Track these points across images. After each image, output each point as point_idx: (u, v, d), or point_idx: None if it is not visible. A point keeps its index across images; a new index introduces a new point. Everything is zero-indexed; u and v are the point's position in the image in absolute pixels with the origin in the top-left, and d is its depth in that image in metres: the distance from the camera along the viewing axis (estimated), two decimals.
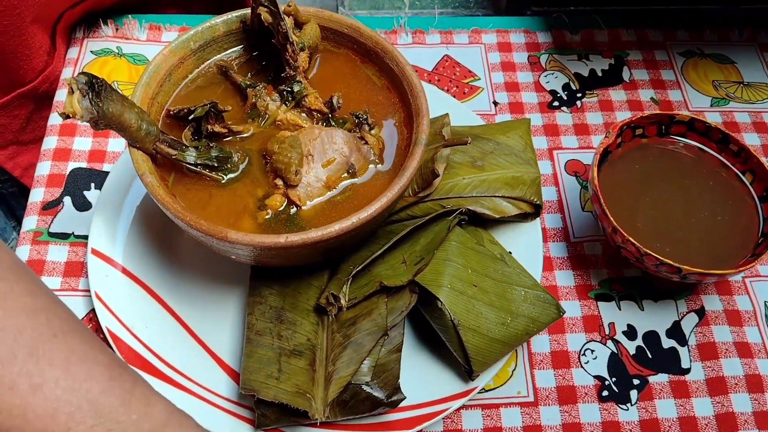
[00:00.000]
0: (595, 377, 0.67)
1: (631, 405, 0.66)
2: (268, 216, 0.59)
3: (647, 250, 0.63)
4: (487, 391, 0.66)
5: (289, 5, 0.65)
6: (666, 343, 0.69)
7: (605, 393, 0.66)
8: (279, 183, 0.60)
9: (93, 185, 0.74)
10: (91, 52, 0.84)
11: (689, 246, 0.67)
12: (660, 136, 0.73)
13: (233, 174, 0.61)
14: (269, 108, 0.64)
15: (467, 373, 0.61)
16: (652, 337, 0.70)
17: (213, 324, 0.65)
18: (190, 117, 0.59)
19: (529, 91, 0.85)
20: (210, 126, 0.60)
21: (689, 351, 0.69)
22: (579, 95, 0.85)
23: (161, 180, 0.58)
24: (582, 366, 0.68)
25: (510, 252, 0.67)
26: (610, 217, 0.65)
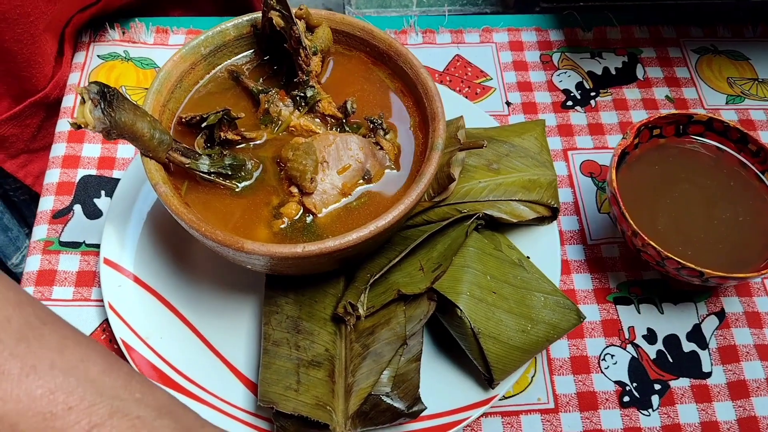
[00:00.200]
0: (616, 382, 0.66)
1: (653, 411, 0.65)
2: (283, 225, 0.58)
3: (668, 254, 0.62)
4: (507, 398, 0.65)
5: (301, 8, 0.63)
6: (686, 347, 0.68)
7: (626, 399, 0.65)
8: (294, 191, 0.59)
9: (103, 192, 0.73)
10: (98, 56, 0.83)
11: (710, 248, 0.66)
12: (678, 136, 0.72)
13: (247, 182, 0.60)
14: (282, 114, 0.63)
15: (487, 381, 0.60)
16: (672, 341, 0.69)
17: (228, 333, 0.64)
18: (202, 124, 0.58)
19: (542, 91, 0.84)
20: (223, 133, 0.59)
21: (710, 354, 0.68)
22: (593, 94, 0.84)
23: (175, 189, 0.57)
24: (602, 371, 0.67)
25: (528, 257, 0.66)
26: (630, 221, 0.64)
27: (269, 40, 0.66)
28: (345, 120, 0.63)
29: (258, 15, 0.65)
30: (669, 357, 0.68)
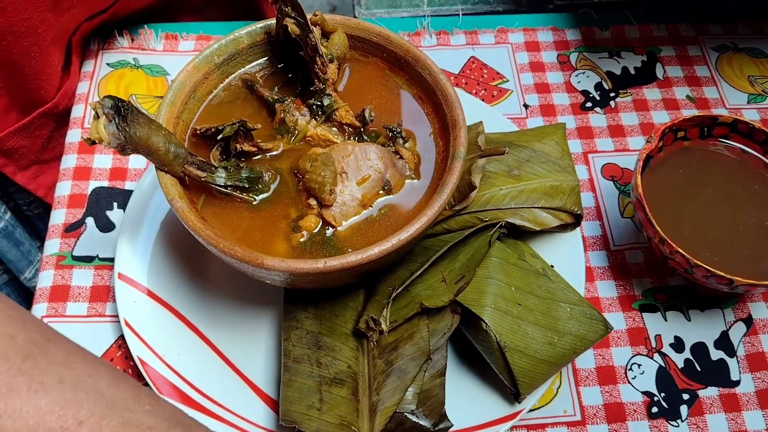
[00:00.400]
0: (644, 393, 0.65)
1: (682, 421, 0.63)
2: (303, 238, 0.56)
3: (697, 261, 0.60)
4: (532, 411, 0.63)
5: (315, 15, 0.62)
6: (714, 355, 0.67)
7: (655, 409, 0.64)
8: (313, 203, 0.57)
9: (116, 204, 0.72)
10: (107, 64, 0.81)
11: (738, 254, 0.64)
12: (702, 138, 0.70)
13: (265, 195, 0.58)
14: (299, 123, 0.61)
15: (513, 396, 0.59)
16: (700, 349, 0.67)
17: (246, 348, 0.63)
18: (218, 137, 0.57)
19: (561, 92, 0.82)
20: (239, 145, 0.58)
21: (738, 362, 0.66)
22: (612, 95, 0.82)
23: (191, 204, 0.55)
24: (629, 381, 0.65)
25: (552, 265, 0.65)
26: (656, 227, 0.62)
27: (283, 47, 0.64)
28: (363, 129, 0.61)
29: (272, 22, 0.63)
30: (697, 365, 0.66)
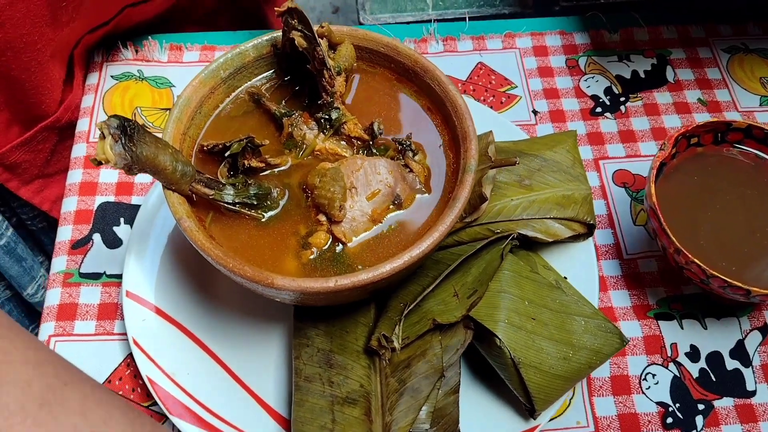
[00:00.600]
0: (658, 403, 0.64)
1: None
2: (313, 255, 0.55)
3: (714, 272, 0.59)
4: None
5: (322, 26, 0.61)
6: (730, 365, 0.66)
7: (669, 420, 0.63)
8: (322, 219, 0.56)
9: (122, 220, 0.71)
10: (112, 76, 0.80)
11: (754, 263, 0.63)
12: (716, 143, 0.69)
13: (273, 211, 0.57)
14: (306, 137, 0.60)
15: (528, 412, 0.58)
16: (715, 359, 0.66)
17: (257, 366, 0.62)
18: (225, 153, 0.56)
19: (570, 98, 0.81)
20: (247, 161, 0.57)
21: (754, 372, 0.66)
22: (622, 99, 0.81)
23: (199, 222, 0.54)
24: (643, 392, 0.64)
25: (565, 277, 0.64)
26: (672, 237, 0.61)
27: (290, 59, 0.63)
28: (372, 142, 0.61)
29: (278, 34, 0.62)
30: (712, 375, 0.65)
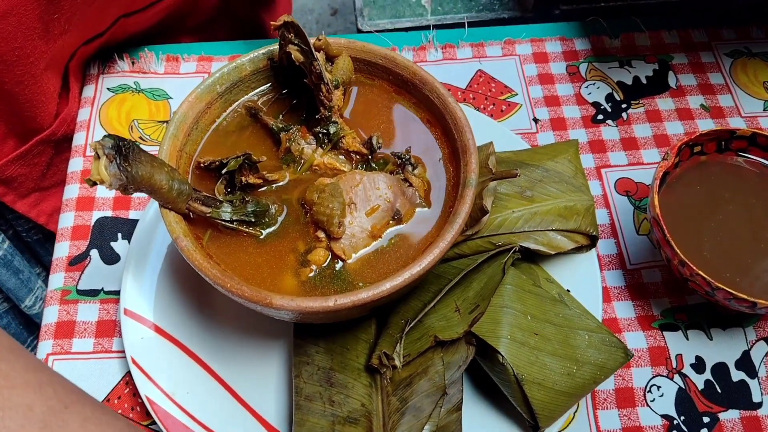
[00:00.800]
0: (663, 416, 0.63)
1: None
2: (312, 273, 0.55)
3: (720, 284, 0.58)
4: None
5: (319, 39, 0.60)
6: (735, 376, 0.65)
7: None
8: (321, 236, 0.56)
9: (120, 235, 0.70)
10: (108, 89, 0.80)
11: (760, 273, 0.62)
12: (719, 152, 0.68)
13: (272, 228, 0.57)
14: (305, 152, 0.59)
15: (532, 429, 0.57)
16: (720, 370, 0.65)
17: (257, 384, 0.61)
18: (222, 171, 0.55)
19: (571, 105, 0.80)
20: (244, 177, 0.56)
21: (759, 383, 0.65)
22: (624, 106, 0.80)
23: (197, 240, 0.54)
24: (648, 404, 0.64)
25: (568, 290, 0.63)
26: (676, 249, 0.60)
27: (287, 72, 0.62)
28: (371, 156, 0.60)
29: (274, 47, 0.61)
30: (717, 387, 0.65)
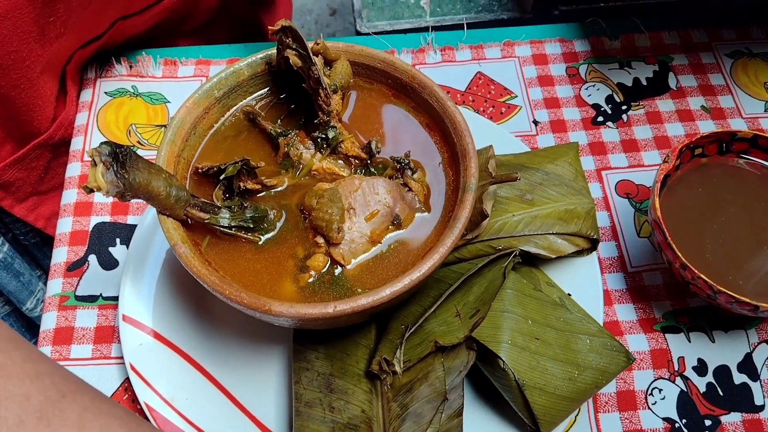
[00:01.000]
0: (664, 419, 0.63)
1: None
2: (311, 279, 0.54)
3: (721, 287, 0.58)
4: None
5: (317, 43, 0.60)
6: (737, 379, 0.65)
7: None
8: (320, 241, 0.55)
9: (118, 240, 0.70)
10: (106, 93, 0.79)
11: (763, 276, 0.62)
12: (720, 154, 0.68)
13: (270, 234, 0.56)
14: (303, 157, 0.59)
15: None
16: (723, 373, 0.65)
17: (257, 390, 0.61)
18: (221, 177, 0.55)
19: (571, 107, 0.80)
20: (242, 183, 0.56)
21: (762, 386, 0.64)
22: (624, 108, 0.80)
23: (195, 246, 0.53)
24: (649, 407, 0.63)
25: (569, 294, 0.62)
26: (677, 252, 0.60)
27: (285, 77, 0.62)
28: (370, 161, 0.59)
29: (272, 51, 0.61)
30: (719, 390, 0.64)
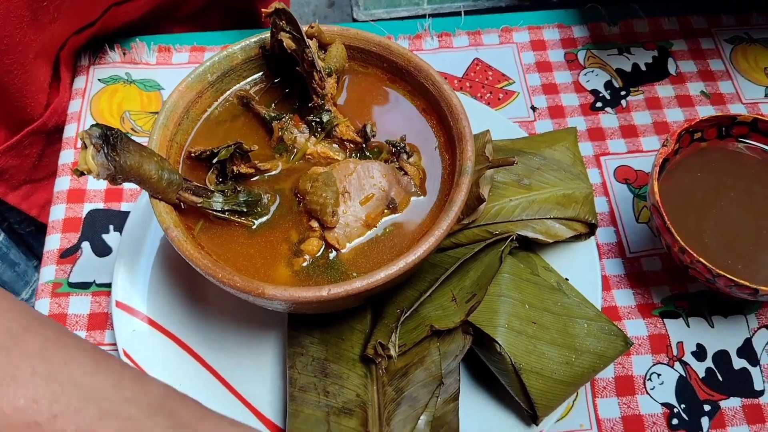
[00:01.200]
0: (663, 404, 0.62)
1: None
2: (305, 263, 0.54)
3: (720, 271, 0.57)
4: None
5: (312, 26, 0.59)
6: (737, 364, 0.64)
7: (675, 421, 0.61)
8: (314, 225, 0.55)
9: (112, 227, 0.70)
10: (99, 80, 0.79)
11: (761, 261, 0.61)
12: (720, 138, 0.67)
13: (264, 218, 0.56)
14: (297, 141, 0.58)
15: (530, 418, 0.56)
16: (722, 358, 0.65)
17: (252, 376, 0.60)
18: (213, 160, 0.54)
19: (569, 93, 0.79)
20: (236, 167, 0.55)
21: (761, 371, 0.64)
22: (623, 93, 0.79)
23: (188, 230, 0.53)
24: (648, 392, 0.63)
25: (567, 278, 0.62)
26: (676, 236, 0.59)
27: (279, 60, 0.61)
28: (365, 144, 0.59)
29: (266, 35, 0.60)
30: (719, 375, 0.64)
